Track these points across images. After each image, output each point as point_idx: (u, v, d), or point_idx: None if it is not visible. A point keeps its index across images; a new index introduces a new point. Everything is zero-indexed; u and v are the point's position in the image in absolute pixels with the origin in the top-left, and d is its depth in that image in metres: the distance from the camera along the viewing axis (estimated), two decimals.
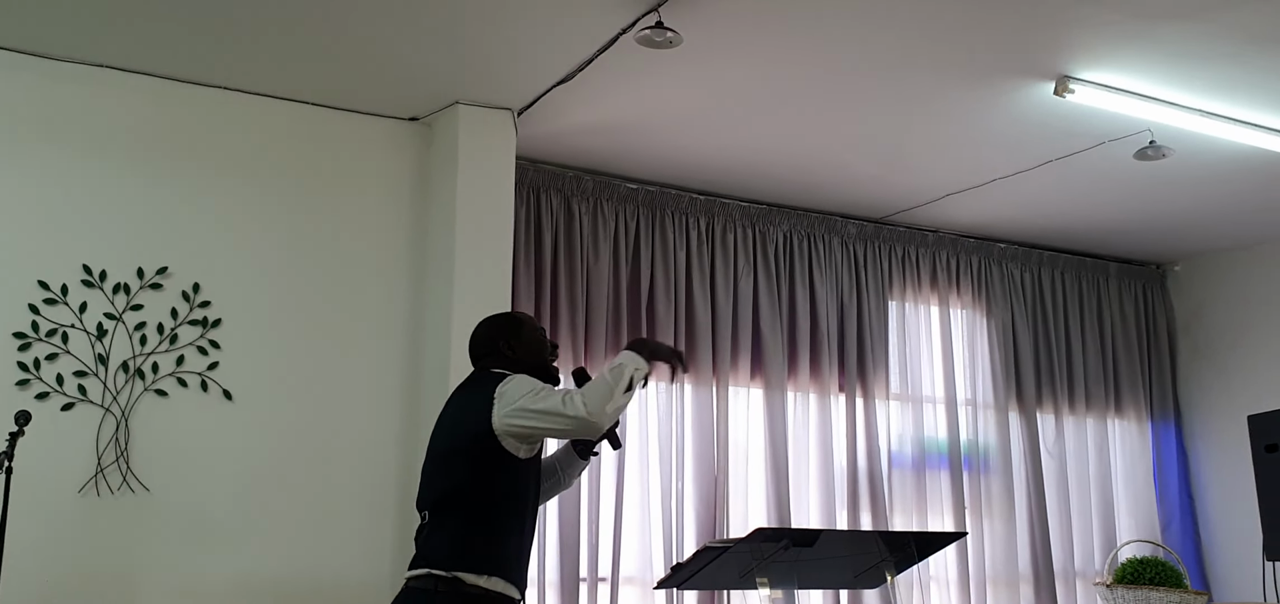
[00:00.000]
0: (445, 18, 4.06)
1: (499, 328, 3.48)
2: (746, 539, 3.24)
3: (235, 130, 4.68)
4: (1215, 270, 7.11)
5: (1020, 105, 4.74)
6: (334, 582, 4.58)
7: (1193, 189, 5.80)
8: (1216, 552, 6.90)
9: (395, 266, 4.91)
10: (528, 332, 3.47)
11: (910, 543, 3.72)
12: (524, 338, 3.44)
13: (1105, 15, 3.97)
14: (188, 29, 4.17)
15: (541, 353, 3.44)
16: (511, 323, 3.51)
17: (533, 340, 3.45)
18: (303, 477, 4.59)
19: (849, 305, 6.16)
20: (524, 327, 3.48)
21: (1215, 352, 7.06)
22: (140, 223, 4.47)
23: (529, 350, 3.42)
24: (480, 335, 3.49)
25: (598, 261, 5.48)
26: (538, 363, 3.41)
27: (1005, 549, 6.35)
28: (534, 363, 3.39)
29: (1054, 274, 6.90)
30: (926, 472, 6.25)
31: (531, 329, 3.50)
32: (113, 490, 4.27)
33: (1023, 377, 6.62)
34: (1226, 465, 6.80)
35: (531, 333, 3.48)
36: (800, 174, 5.64)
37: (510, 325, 3.49)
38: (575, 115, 4.91)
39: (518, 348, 3.40)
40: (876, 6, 3.94)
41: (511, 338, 3.42)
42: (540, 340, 3.48)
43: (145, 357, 4.39)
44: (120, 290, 4.38)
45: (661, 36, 3.93)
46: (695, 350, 5.66)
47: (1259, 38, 4.12)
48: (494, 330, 3.47)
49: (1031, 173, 5.54)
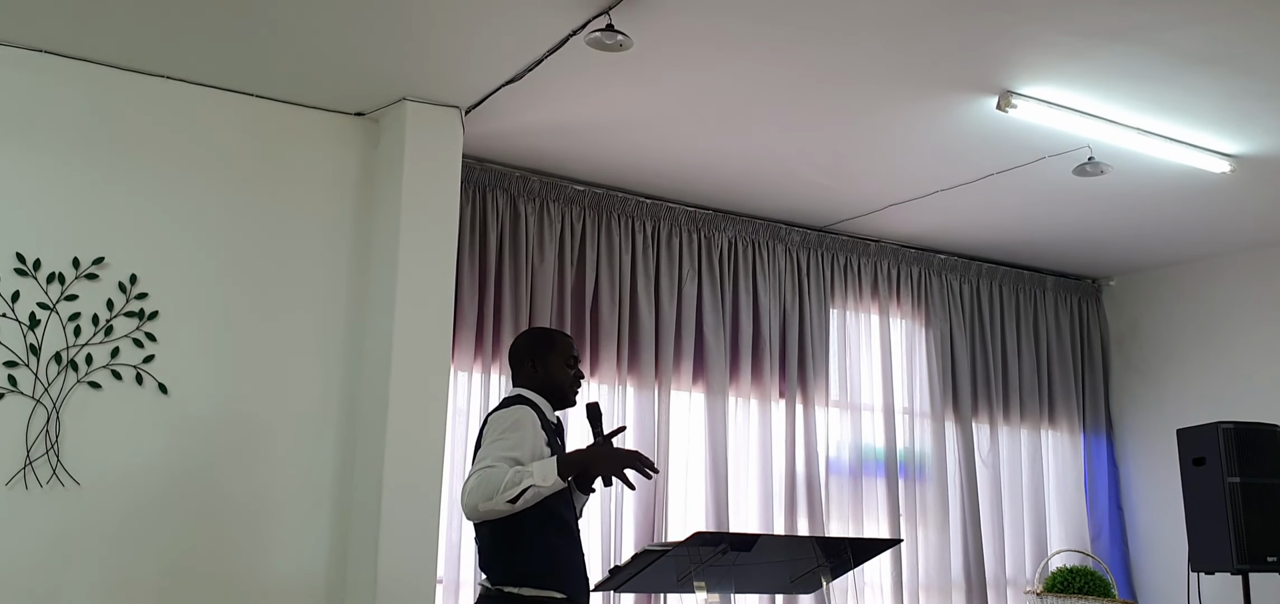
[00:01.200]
0: (394, 13, 4.03)
1: (530, 344, 3.60)
2: (685, 543, 3.25)
3: (178, 121, 4.61)
4: (1149, 286, 7.25)
5: (963, 119, 4.81)
6: (269, 578, 4.53)
7: (1129, 205, 5.91)
8: (1144, 562, 7.03)
9: (338, 262, 4.86)
10: (557, 353, 3.56)
11: (847, 549, 3.75)
12: (551, 359, 3.54)
13: (1049, 34, 4.04)
14: (130, 16, 4.09)
15: (564, 376, 3.54)
16: (543, 341, 3.61)
17: (559, 362, 3.54)
18: (239, 472, 4.53)
19: (791, 312, 6.20)
20: (555, 348, 3.57)
21: (1147, 366, 7.20)
22: (77, 212, 4.38)
23: (552, 372, 3.53)
24: (515, 348, 3.64)
25: (543, 262, 5.47)
26: (557, 386, 3.53)
27: (939, 556, 6.43)
28: (554, 385, 3.52)
29: (992, 286, 7.00)
30: (863, 479, 6.31)
31: (562, 350, 3.57)
32: (41, 483, 4.18)
33: (959, 386, 6.71)
34: (1156, 478, 6.94)
35: (560, 354, 3.56)
36: (746, 180, 5.67)
37: (541, 343, 3.59)
38: (523, 115, 4.89)
39: (541, 369, 3.53)
40: (825, 18, 3.97)
41: (538, 358, 3.54)
42: (567, 363, 3.56)
43: (79, 348, 4.31)
44: (55, 280, 4.30)
45: (612, 39, 3.93)
46: (638, 353, 5.67)
47: (1194, 59, 4.21)
48: (526, 346, 3.61)
49: (973, 185, 5.62)
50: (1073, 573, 6.51)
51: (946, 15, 3.93)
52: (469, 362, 5.26)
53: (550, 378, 3.52)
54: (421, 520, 4.58)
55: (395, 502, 4.51)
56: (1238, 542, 5.37)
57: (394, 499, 4.50)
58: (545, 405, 3.49)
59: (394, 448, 4.54)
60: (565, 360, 3.55)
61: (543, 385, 3.52)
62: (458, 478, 5.12)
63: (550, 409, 3.51)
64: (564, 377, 3.54)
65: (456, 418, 5.16)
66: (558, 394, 3.54)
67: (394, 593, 4.46)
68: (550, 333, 3.65)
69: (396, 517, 4.50)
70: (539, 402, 3.47)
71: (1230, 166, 5.19)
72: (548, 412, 3.48)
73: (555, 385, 3.53)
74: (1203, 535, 5.55)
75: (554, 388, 3.53)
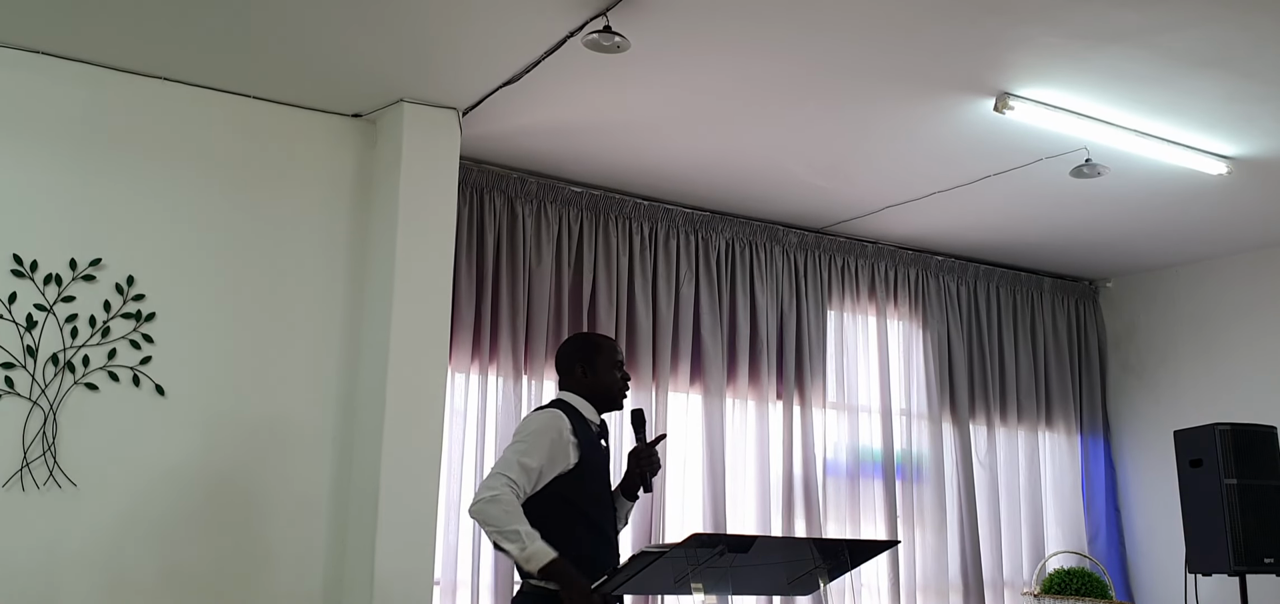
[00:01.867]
0: (391, 15, 4.03)
1: (577, 349, 3.70)
2: (682, 544, 3.24)
3: (175, 122, 4.61)
4: (1146, 288, 7.25)
5: (960, 120, 4.81)
6: (267, 579, 4.53)
7: (1126, 207, 5.92)
8: (1141, 563, 7.04)
9: (335, 264, 4.86)
10: (604, 359, 3.65)
11: (844, 550, 3.73)
12: (599, 363, 3.64)
13: (1046, 35, 4.04)
14: (127, 18, 4.09)
15: (612, 379, 3.64)
16: (589, 348, 3.69)
17: (607, 365, 3.64)
18: (236, 474, 4.53)
19: (788, 314, 6.20)
20: (601, 353, 3.66)
21: (1144, 367, 7.21)
22: (74, 213, 4.38)
23: (601, 376, 3.63)
24: (562, 353, 3.73)
25: (540, 264, 5.47)
26: (606, 389, 3.63)
27: (936, 558, 6.43)
28: (603, 389, 3.63)
29: (989, 287, 7.00)
30: (860, 480, 6.31)
31: (608, 357, 3.67)
32: (38, 485, 4.18)
33: (956, 388, 6.71)
34: (1153, 479, 6.95)
35: (607, 360, 3.65)
36: (743, 182, 5.67)
37: (588, 349, 3.68)
38: (521, 117, 4.89)
39: (590, 373, 3.63)
40: (823, 20, 3.98)
41: (588, 362, 3.64)
42: (614, 366, 3.65)
43: (76, 349, 4.31)
44: (51, 281, 4.29)
45: (609, 41, 3.93)
46: (636, 355, 5.67)
47: (1191, 61, 4.22)
48: (573, 351, 3.70)
49: (970, 187, 5.62)
50: (1070, 574, 6.51)
51: (944, 17, 3.93)
52: (466, 363, 5.26)
53: (599, 382, 3.62)
54: (419, 522, 4.58)
55: (392, 503, 4.51)
56: (1235, 543, 5.38)
57: (391, 500, 4.50)
58: (588, 409, 3.61)
59: (391, 449, 4.54)
60: (612, 364, 3.65)
61: (591, 390, 3.62)
62: (455, 480, 5.12)
63: (594, 412, 3.63)
64: (613, 380, 3.64)
65: (454, 419, 5.16)
66: (606, 397, 3.64)
67: (391, 594, 4.45)
68: (596, 337, 3.76)
69: (394, 518, 4.50)
70: (580, 406, 3.59)
71: (1227, 168, 5.20)
72: (591, 415, 3.61)
73: (604, 389, 3.63)
74: (1200, 537, 5.55)
75: (602, 391, 3.63)
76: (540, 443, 3.42)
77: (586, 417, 3.59)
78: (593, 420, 3.61)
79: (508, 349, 5.34)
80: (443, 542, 4.99)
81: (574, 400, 3.60)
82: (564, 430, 3.46)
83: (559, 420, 3.48)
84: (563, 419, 3.49)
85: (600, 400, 3.63)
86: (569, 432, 3.47)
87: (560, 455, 3.43)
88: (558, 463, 3.43)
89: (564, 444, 3.45)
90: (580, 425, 3.54)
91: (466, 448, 5.22)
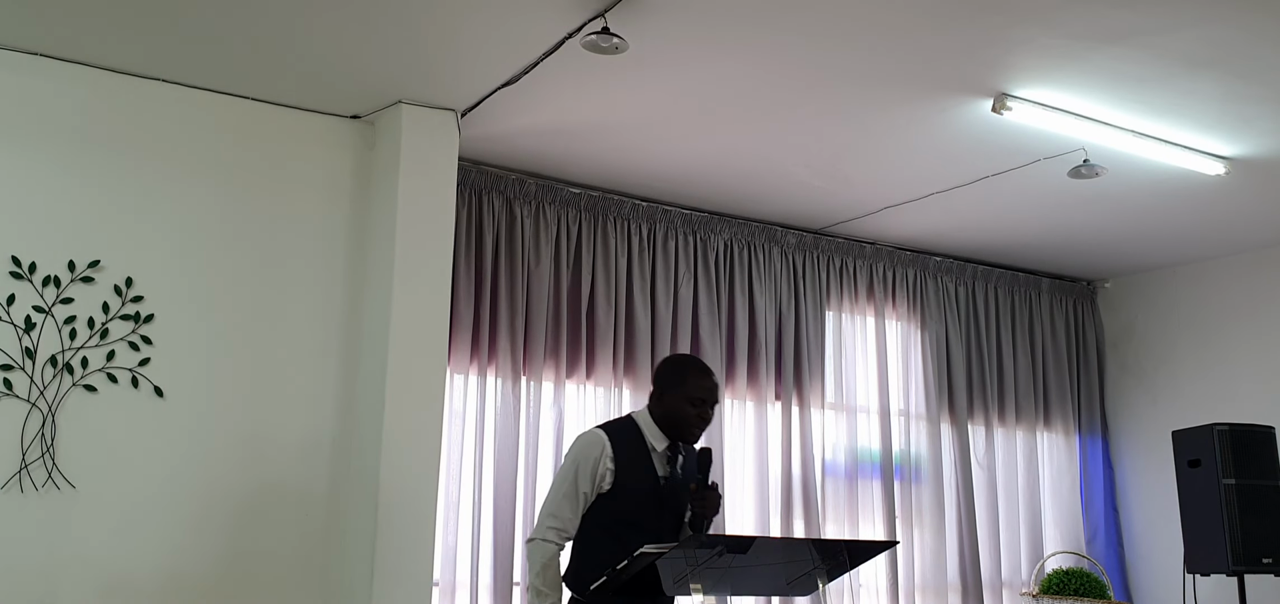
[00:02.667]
0: (389, 16, 4.03)
1: (665, 372, 3.72)
2: (681, 545, 3.25)
3: (173, 124, 4.61)
4: (1144, 288, 7.26)
5: (958, 121, 4.81)
6: (266, 580, 4.53)
7: (1124, 208, 5.92)
8: (1140, 564, 7.04)
9: (334, 265, 4.86)
10: (683, 392, 3.61)
11: (843, 551, 3.73)
12: (675, 396, 3.61)
13: (1044, 36, 4.05)
14: (125, 20, 4.09)
15: (685, 414, 3.60)
16: (675, 376, 3.66)
17: (682, 400, 3.60)
18: (235, 475, 4.53)
19: (787, 314, 6.20)
20: (684, 385, 3.62)
21: (1142, 368, 7.21)
22: (73, 215, 4.38)
23: (671, 407, 3.62)
24: (656, 369, 3.79)
25: (539, 265, 5.47)
26: (675, 421, 3.62)
27: (934, 558, 6.43)
28: (672, 419, 3.62)
29: (987, 288, 7.00)
30: (859, 481, 6.31)
31: (689, 391, 3.61)
32: (37, 487, 4.18)
33: (955, 388, 6.72)
34: (1151, 479, 6.95)
35: (686, 394, 3.60)
36: (742, 183, 5.67)
37: (672, 376, 3.67)
38: (519, 118, 4.89)
39: (667, 400, 3.63)
40: (821, 22, 3.98)
41: (667, 389, 3.64)
42: (691, 402, 3.60)
43: (74, 351, 4.30)
44: (50, 283, 4.29)
45: (608, 42, 3.93)
46: (634, 356, 5.67)
47: (1189, 62, 4.22)
48: (661, 372, 3.74)
49: (968, 188, 5.62)
50: (1068, 575, 6.52)
51: (942, 18, 3.93)
52: (465, 364, 5.27)
53: (671, 411, 3.62)
54: (418, 523, 4.58)
55: (392, 504, 4.51)
56: (1233, 543, 5.38)
57: (390, 501, 4.50)
58: (655, 433, 3.63)
59: (390, 450, 4.54)
60: (689, 399, 3.60)
61: (662, 416, 3.63)
62: (453, 481, 5.13)
63: (662, 437, 3.63)
64: (685, 414, 3.61)
65: (452, 420, 5.16)
66: (674, 428, 3.62)
67: (390, 595, 4.45)
68: (685, 369, 3.68)
69: (393, 519, 4.50)
70: (646, 428, 3.64)
71: (1225, 169, 5.20)
72: (656, 439, 3.63)
73: (673, 420, 3.62)
74: (1198, 537, 5.56)
75: (672, 422, 3.62)
76: (570, 474, 3.57)
77: (649, 439, 3.63)
78: (655, 444, 3.63)
79: (506, 350, 5.34)
80: (441, 543, 4.99)
81: (643, 421, 3.66)
82: (601, 457, 3.56)
83: (596, 447, 3.57)
84: (602, 444, 3.57)
85: (669, 429, 3.63)
86: (608, 458, 3.55)
87: (595, 479, 3.55)
88: (595, 485, 3.56)
89: (599, 470, 3.55)
90: (631, 448, 3.59)
91: (465, 449, 5.22)
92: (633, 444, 3.60)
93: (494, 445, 5.26)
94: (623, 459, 3.56)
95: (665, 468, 3.64)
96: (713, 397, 3.66)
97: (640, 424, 3.66)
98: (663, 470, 3.64)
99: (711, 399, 3.65)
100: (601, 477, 3.55)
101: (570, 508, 3.55)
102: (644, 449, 3.62)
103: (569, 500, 3.55)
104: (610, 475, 3.55)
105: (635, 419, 3.69)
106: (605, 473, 3.55)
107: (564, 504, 3.55)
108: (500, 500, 5.20)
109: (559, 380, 5.48)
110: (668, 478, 3.63)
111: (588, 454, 3.57)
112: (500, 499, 5.21)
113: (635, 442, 3.61)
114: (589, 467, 3.56)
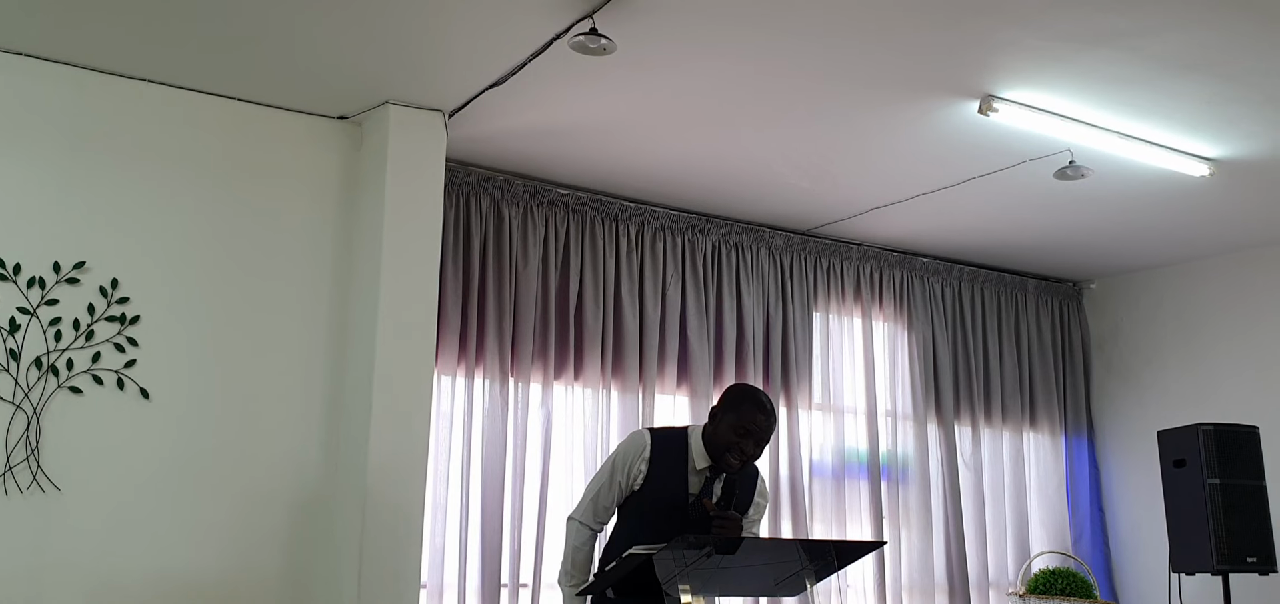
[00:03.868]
0: (376, 16, 4.02)
1: (723, 400, 3.71)
2: (670, 546, 3.25)
3: (159, 124, 4.59)
4: (1129, 289, 7.29)
5: (945, 123, 4.83)
6: (252, 583, 4.51)
7: (1110, 209, 5.94)
8: (1126, 563, 7.07)
9: (321, 266, 4.85)
10: (732, 423, 3.60)
11: (831, 551, 3.74)
12: (723, 423, 3.62)
13: (1030, 38, 4.06)
14: (111, 20, 4.07)
15: (726, 441, 3.60)
16: (730, 406, 3.66)
17: (727, 429, 3.60)
18: (221, 478, 4.52)
19: (774, 315, 6.21)
20: (736, 416, 3.61)
21: (1128, 368, 7.24)
22: (58, 216, 4.36)
23: (717, 433, 3.63)
24: (723, 393, 3.77)
25: (527, 266, 5.47)
26: (717, 447, 3.63)
27: (922, 558, 6.45)
28: (715, 444, 3.64)
29: (974, 289, 7.02)
30: (846, 481, 6.32)
31: (738, 425, 3.59)
32: (21, 489, 4.16)
33: (941, 389, 6.73)
34: (1136, 479, 6.98)
35: (735, 427, 3.59)
36: (730, 184, 5.68)
37: (727, 406, 3.67)
38: (507, 119, 4.89)
39: (718, 422, 3.64)
40: (808, 23, 3.98)
41: (723, 411, 3.66)
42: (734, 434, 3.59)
43: (60, 353, 4.29)
44: (35, 284, 4.27)
45: (595, 43, 3.93)
46: (623, 357, 5.67)
47: (1174, 64, 4.24)
48: (722, 398, 3.74)
49: (954, 189, 5.64)
50: (1055, 574, 6.54)
51: (928, 19, 3.94)
52: (453, 366, 5.26)
53: (717, 436, 3.64)
54: (405, 524, 4.57)
55: (379, 505, 4.50)
56: (1218, 542, 5.41)
57: (378, 502, 4.50)
58: (700, 451, 3.67)
59: (377, 452, 4.53)
60: (738, 430, 3.59)
61: (710, 438, 3.66)
62: (441, 483, 5.12)
63: (706, 458, 3.66)
64: (728, 442, 3.60)
65: (440, 422, 5.16)
66: (717, 452, 3.64)
67: (377, 596, 4.44)
68: (743, 399, 3.66)
69: (380, 520, 4.49)
70: (694, 443, 3.69)
71: (1209, 170, 5.23)
72: (699, 457, 3.67)
73: (716, 445, 3.64)
74: (1183, 536, 5.58)
75: (716, 445, 3.64)
76: (609, 464, 3.75)
77: (693, 454, 3.67)
78: (697, 462, 3.67)
79: (494, 352, 5.33)
80: (429, 544, 4.98)
81: (694, 436, 3.71)
82: (638, 456, 3.68)
83: (637, 445, 3.72)
84: (643, 444, 3.70)
85: (712, 451, 3.65)
86: (645, 459, 3.67)
87: (629, 474, 3.69)
88: (630, 481, 3.69)
89: (633, 468, 3.68)
90: (672, 458, 3.65)
91: (453, 451, 5.21)
92: (674, 454, 3.66)
93: (481, 447, 5.26)
94: (658, 465, 3.64)
95: (698, 486, 3.67)
96: (760, 434, 3.62)
97: (691, 439, 3.71)
98: (695, 488, 3.66)
99: (758, 435, 3.61)
100: (635, 475, 3.66)
101: (607, 496, 3.71)
102: (684, 462, 3.66)
103: (606, 489, 3.71)
104: (642, 477, 3.65)
105: (688, 433, 3.73)
106: (639, 473, 3.65)
107: (603, 492, 3.72)
108: (488, 502, 5.20)
109: (547, 382, 5.48)
110: (697, 497, 3.65)
111: (628, 448, 3.73)
112: (488, 500, 5.20)
113: (678, 453, 3.66)
114: (626, 462, 3.69)
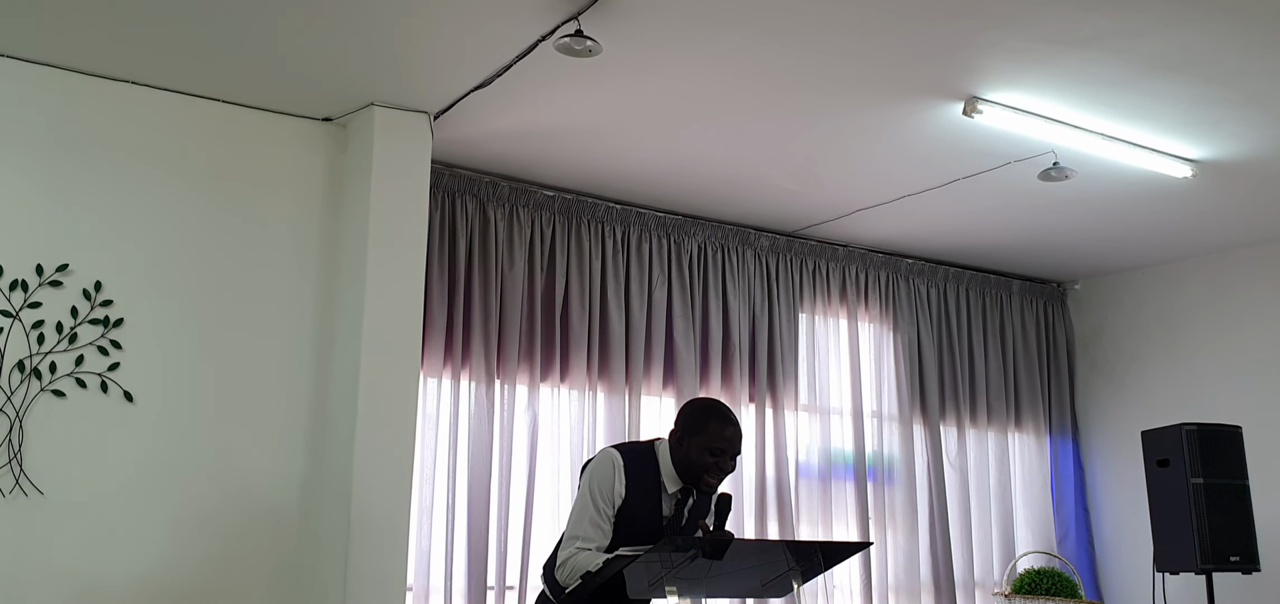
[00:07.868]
0: (361, 18, 4.01)
1: (687, 416, 3.57)
2: (657, 548, 3.25)
3: (142, 126, 4.57)
4: (1113, 289, 7.32)
5: (930, 124, 4.84)
6: (237, 586, 4.50)
7: (1094, 210, 5.97)
8: (1110, 563, 7.10)
9: (306, 268, 4.83)
10: (702, 440, 3.48)
11: (817, 552, 3.75)
12: (693, 442, 3.49)
13: (1014, 40, 4.07)
14: (95, 22, 4.05)
15: (701, 462, 3.48)
16: (696, 423, 3.52)
17: (700, 448, 3.48)
18: (205, 481, 4.50)
19: (760, 316, 6.22)
20: (704, 433, 3.49)
21: (1112, 368, 7.27)
22: (40, 218, 4.33)
23: (687, 454, 3.50)
24: (680, 411, 3.63)
25: (512, 268, 5.46)
26: (689, 468, 3.50)
27: (907, 559, 6.46)
28: (686, 466, 3.50)
29: (959, 290, 7.04)
30: (832, 482, 6.33)
31: (708, 441, 3.48)
32: (4, 493, 4.13)
33: (927, 390, 6.75)
34: (1121, 479, 7.01)
35: (705, 444, 3.48)
36: (715, 186, 5.68)
37: (693, 422, 3.53)
38: (493, 120, 4.88)
39: (686, 444, 3.50)
40: (793, 25, 3.99)
41: (686, 433, 3.51)
42: (706, 453, 3.47)
43: (42, 356, 4.26)
44: (17, 287, 4.25)
45: (581, 45, 3.93)
46: (609, 359, 5.67)
47: (1157, 66, 4.26)
48: (684, 414, 3.59)
49: (939, 190, 5.65)
50: (1040, 574, 6.56)
51: (913, 21, 3.96)
52: (438, 368, 5.25)
53: (687, 458, 3.50)
54: (391, 527, 4.56)
55: (365, 508, 4.49)
56: (1201, 542, 5.43)
57: (364, 506, 4.48)
58: (669, 472, 3.53)
59: (363, 454, 4.52)
60: (708, 449, 3.47)
61: (680, 460, 3.52)
62: (427, 485, 5.11)
63: (676, 479, 3.53)
64: (702, 463, 3.48)
65: (426, 424, 5.15)
66: (690, 475, 3.51)
67: (363, 600, 4.43)
68: (707, 416, 3.53)
69: (366, 523, 4.48)
70: (663, 462, 3.54)
71: (1192, 171, 5.25)
72: (669, 479, 3.53)
73: (688, 467, 3.50)
74: (1167, 536, 5.61)
75: (688, 468, 3.50)
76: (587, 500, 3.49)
77: (663, 475, 3.53)
78: (668, 485, 3.53)
79: (480, 354, 5.33)
80: (415, 547, 4.97)
81: (662, 455, 3.56)
82: (614, 477, 3.49)
83: (608, 467, 3.51)
84: (615, 465, 3.51)
85: (684, 474, 3.52)
86: (621, 481, 3.48)
87: (613, 496, 3.48)
88: (614, 501, 3.47)
89: (614, 489, 3.48)
90: (645, 479, 3.50)
91: (439, 453, 5.20)
92: (646, 475, 3.51)
93: (468, 449, 5.25)
94: (634, 488, 3.49)
95: (671, 509, 3.56)
96: (733, 448, 3.51)
97: (659, 458, 3.56)
98: (668, 511, 3.55)
99: (732, 450, 3.50)
100: (616, 496, 3.48)
101: (595, 529, 3.46)
102: (657, 485, 3.53)
103: (594, 524, 3.46)
104: (620, 498, 3.48)
105: (656, 451, 3.58)
106: (616, 495, 3.47)
107: (591, 529, 3.46)
108: (474, 504, 5.19)
109: (533, 384, 5.47)
110: (671, 520, 3.55)
111: (601, 474, 3.51)
112: (474, 503, 5.19)
113: (650, 474, 3.52)
114: (606, 486, 3.48)
